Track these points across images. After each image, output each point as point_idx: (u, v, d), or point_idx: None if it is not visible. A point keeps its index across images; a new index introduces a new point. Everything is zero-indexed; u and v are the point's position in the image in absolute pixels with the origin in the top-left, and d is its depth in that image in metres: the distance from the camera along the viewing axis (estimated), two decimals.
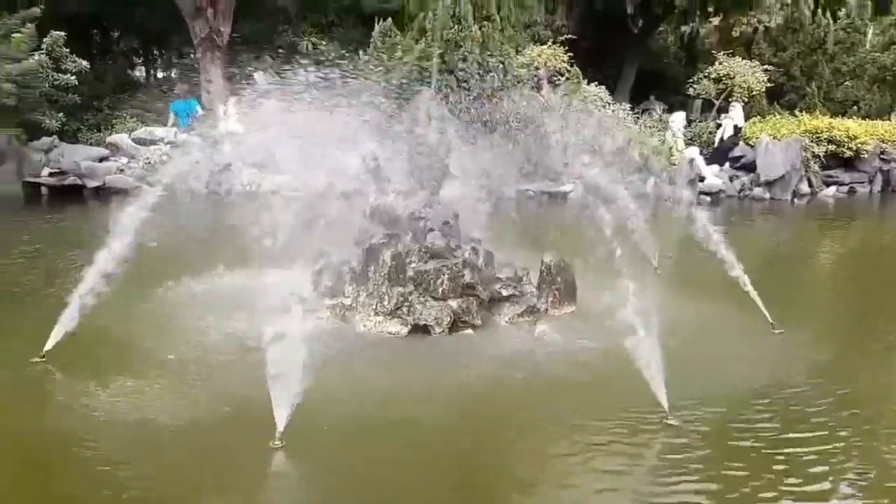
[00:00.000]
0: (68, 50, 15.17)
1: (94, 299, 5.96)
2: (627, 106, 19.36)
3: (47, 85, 14.75)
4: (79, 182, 15.73)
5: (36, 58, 14.27)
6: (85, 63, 15.46)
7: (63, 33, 15.02)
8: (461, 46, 14.80)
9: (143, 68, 28.41)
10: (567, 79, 18.34)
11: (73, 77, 14.98)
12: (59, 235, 12.74)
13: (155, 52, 28.73)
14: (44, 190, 15.60)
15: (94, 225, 13.77)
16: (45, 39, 14.71)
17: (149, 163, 15.80)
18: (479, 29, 15.39)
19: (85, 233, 12.68)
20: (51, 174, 15.69)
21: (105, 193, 15.67)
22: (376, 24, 17.52)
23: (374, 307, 6.94)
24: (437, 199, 7.79)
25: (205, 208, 12.86)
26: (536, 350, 6.40)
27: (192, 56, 27.17)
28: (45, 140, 15.90)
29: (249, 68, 24.56)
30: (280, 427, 4.56)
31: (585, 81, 19.01)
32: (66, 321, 5.95)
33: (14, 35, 14.50)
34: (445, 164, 7.81)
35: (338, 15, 25.52)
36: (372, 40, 17.17)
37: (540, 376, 5.84)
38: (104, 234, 6.21)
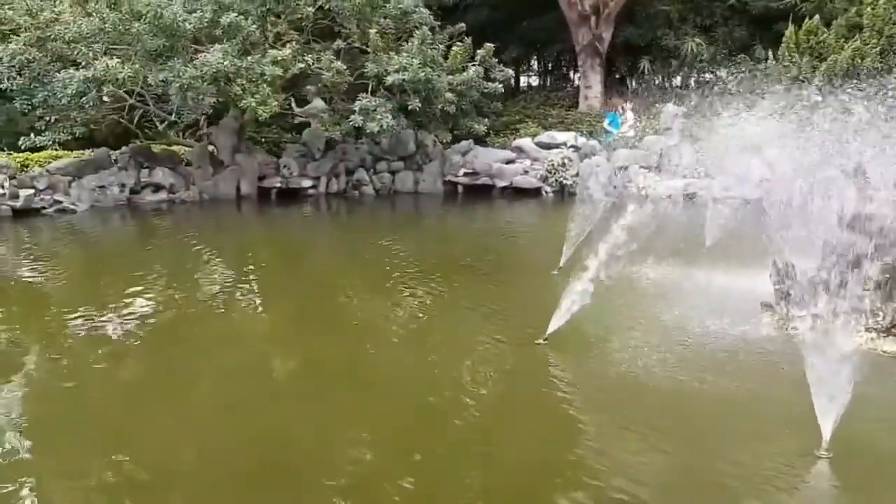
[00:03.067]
0: (496, 60, 16.47)
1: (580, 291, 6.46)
2: None
3: (477, 93, 16.25)
4: (489, 182, 17.26)
5: (472, 69, 15.81)
6: (510, 72, 16.63)
7: (493, 45, 16.34)
8: None
9: (514, 76, 30.10)
10: None
11: (501, 85, 16.23)
12: (474, 227, 14.18)
13: (533, 60, 30.47)
14: (459, 188, 17.41)
15: (499, 221, 15.06)
16: (478, 51, 16.20)
17: (552, 165, 16.75)
18: None
19: (493, 227, 14.04)
20: (465, 174, 17.43)
21: (509, 193, 17.00)
22: (790, 24, 16.47)
23: (863, 323, 6.53)
24: None
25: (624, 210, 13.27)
26: None
27: (565, 63, 28.35)
28: (464, 144, 17.66)
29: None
30: (826, 436, 4.51)
31: None
32: (564, 311, 6.51)
33: (453, 49, 16.19)
34: None
35: (722, 16, 24.68)
36: (784, 40, 16.23)
37: None
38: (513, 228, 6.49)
